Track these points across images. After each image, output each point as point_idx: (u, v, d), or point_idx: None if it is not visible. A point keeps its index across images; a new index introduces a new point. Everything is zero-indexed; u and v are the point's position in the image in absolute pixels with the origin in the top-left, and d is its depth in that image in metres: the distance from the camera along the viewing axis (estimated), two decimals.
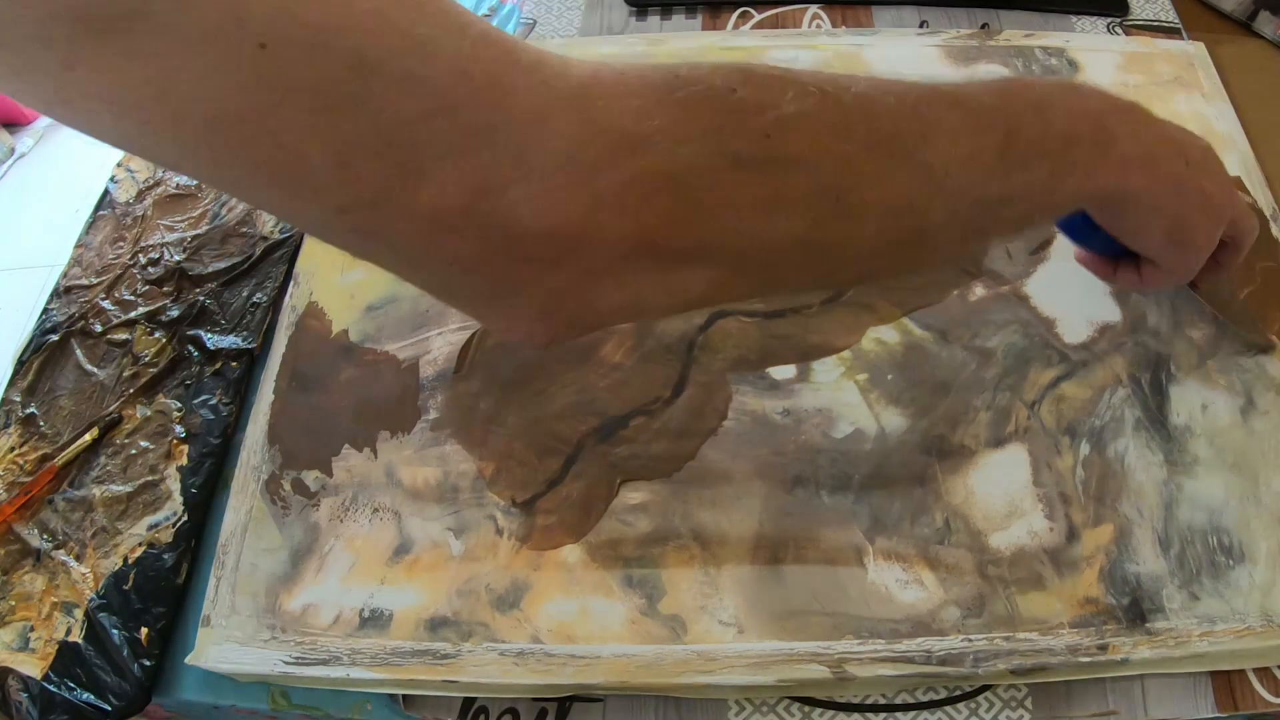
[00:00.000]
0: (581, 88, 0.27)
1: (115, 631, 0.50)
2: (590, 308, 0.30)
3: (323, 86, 0.24)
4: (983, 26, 0.72)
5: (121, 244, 0.67)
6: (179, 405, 0.58)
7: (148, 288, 0.64)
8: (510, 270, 0.28)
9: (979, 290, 0.57)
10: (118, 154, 0.75)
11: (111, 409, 0.58)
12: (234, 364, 0.59)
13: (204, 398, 0.58)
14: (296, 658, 0.47)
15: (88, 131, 0.26)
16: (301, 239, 0.64)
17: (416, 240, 0.27)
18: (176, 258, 0.65)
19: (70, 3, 0.22)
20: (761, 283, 0.34)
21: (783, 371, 0.54)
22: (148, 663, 0.49)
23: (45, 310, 0.65)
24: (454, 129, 0.25)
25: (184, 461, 0.55)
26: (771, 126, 0.29)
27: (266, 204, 0.29)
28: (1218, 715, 0.45)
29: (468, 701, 0.48)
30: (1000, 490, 0.50)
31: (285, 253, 0.64)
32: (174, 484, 0.55)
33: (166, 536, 0.53)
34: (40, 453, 0.57)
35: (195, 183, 0.70)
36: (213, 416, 0.57)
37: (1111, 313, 0.56)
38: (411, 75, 0.25)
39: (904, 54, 0.70)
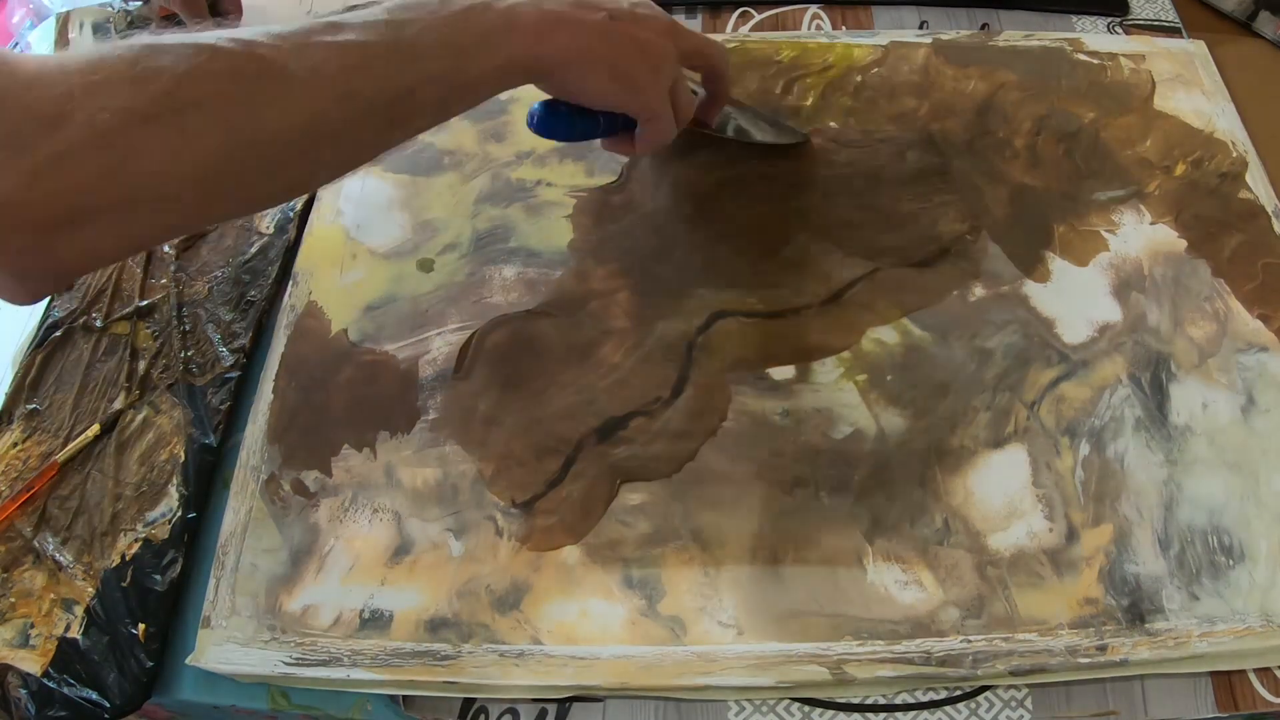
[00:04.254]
0: (27, 84, 0.34)
1: (114, 628, 0.50)
2: (57, 261, 0.37)
3: None
4: (983, 27, 0.72)
5: None
6: (176, 400, 0.58)
7: (147, 281, 0.64)
8: None
9: (979, 290, 0.57)
10: None
11: (113, 404, 0.58)
12: (230, 361, 0.59)
13: (201, 393, 0.58)
14: (297, 659, 0.47)
15: None
16: (298, 238, 0.64)
17: None
18: (173, 252, 0.65)
19: None
20: (195, 209, 0.41)
21: (782, 372, 0.54)
22: (146, 659, 0.49)
23: (48, 305, 0.65)
24: None
25: (182, 457, 0.55)
26: (169, 84, 0.36)
27: None
28: (1218, 715, 0.45)
29: (467, 702, 0.48)
30: (1000, 491, 0.50)
31: (279, 249, 0.64)
32: (172, 480, 0.55)
33: (163, 533, 0.53)
34: (43, 448, 0.57)
35: None
36: (209, 412, 0.57)
37: (1111, 312, 0.56)
38: None
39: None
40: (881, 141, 0.65)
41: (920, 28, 0.73)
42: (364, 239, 0.63)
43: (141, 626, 0.50)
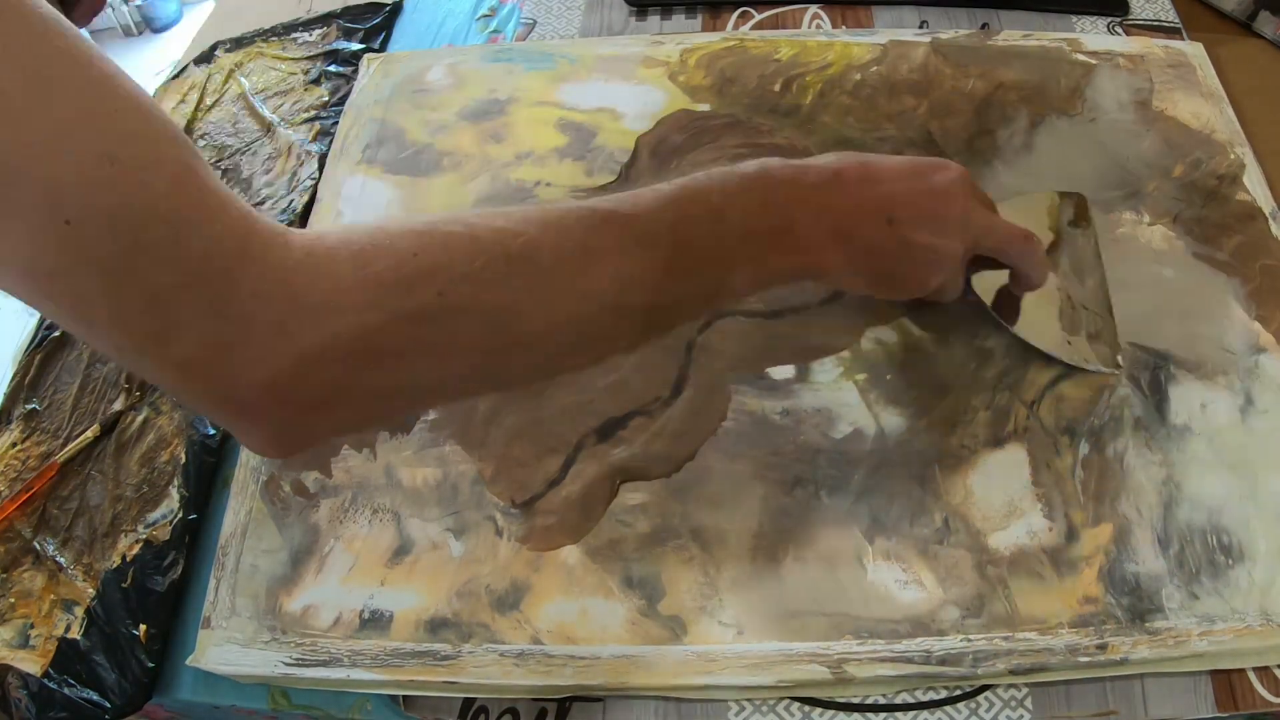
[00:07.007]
0: (295, 267, 0.34)
1: (115, 628, 0.50)
2: (309, 433, 0.38)
3: (109, 258, 0.31)
4: (983, 26, 0.72)
5: None
6: (176, 400, 0.58)
7: None
8: (243, 410, 0.36)
9: None
10: None
11: (113, 405, 0.58)
12: None
13: None
14: (297, 659, 0.47)
15: None
16: None
17: (170, 383, 0.35)
18: None
19: None
20: (453, 396, 0.47)
21: (782, 372, 0.54)
22: (147, 660, 0.49)
23: None
24: (198, 300, 0.32)
25: (182, 458, 0.55)
26: (444, 285, 0.36)
27: (77, 335, 0.36)
28: (1218, 715, 0.45)
29: (467, 702, 0.48)
30: (999, 490, 0.50)
31: None
32: (172, 481, 0.55)
33: (164, 534, 0.53)
34: (42, 448, 0.57)
35: None
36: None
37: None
38: (170, 255, 0.32)
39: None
40: (880, 140, 0.65)
41: (920, 27, 0.73)
42: None
43: (142, 627, 0.50)
